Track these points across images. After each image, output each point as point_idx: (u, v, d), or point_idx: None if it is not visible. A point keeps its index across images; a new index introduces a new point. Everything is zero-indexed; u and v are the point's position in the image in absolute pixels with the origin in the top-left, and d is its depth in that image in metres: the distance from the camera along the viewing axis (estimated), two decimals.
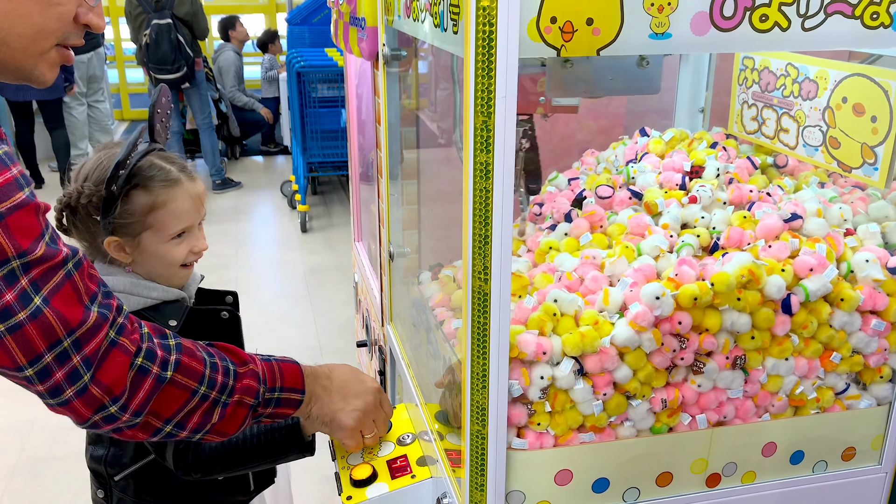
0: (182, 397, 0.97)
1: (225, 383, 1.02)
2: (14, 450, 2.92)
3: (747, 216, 1.30)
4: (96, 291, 0.89)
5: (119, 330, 0.91)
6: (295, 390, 1.13)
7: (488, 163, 0.96)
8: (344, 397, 1.22)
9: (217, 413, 1.02)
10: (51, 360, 0.84)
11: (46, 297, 0.82)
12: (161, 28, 5.70)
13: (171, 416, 0.97)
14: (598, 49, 0.95)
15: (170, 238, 1.31)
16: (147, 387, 0.93)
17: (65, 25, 0.90)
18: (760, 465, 1.24)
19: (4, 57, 0.87)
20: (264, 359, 1.12)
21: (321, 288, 4.54)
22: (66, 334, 0.84)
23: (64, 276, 0.85)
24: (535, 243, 1.41)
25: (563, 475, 1.15)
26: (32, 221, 0.82)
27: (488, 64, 0.92)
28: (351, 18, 1.85)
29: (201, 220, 1.37)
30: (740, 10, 0.97)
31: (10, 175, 0.80)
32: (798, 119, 1.47)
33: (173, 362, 0.96)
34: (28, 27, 0.86)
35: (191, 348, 1.00)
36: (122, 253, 1.30)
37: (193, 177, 1.35)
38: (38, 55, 0.89)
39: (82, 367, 0.86)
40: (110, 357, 0.89)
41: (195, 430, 1.01)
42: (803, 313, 1.18)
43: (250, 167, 7.50)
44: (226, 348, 1.08)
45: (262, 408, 1.09)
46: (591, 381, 1.12)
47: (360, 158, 2.54)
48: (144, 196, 1.27)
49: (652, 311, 1.11)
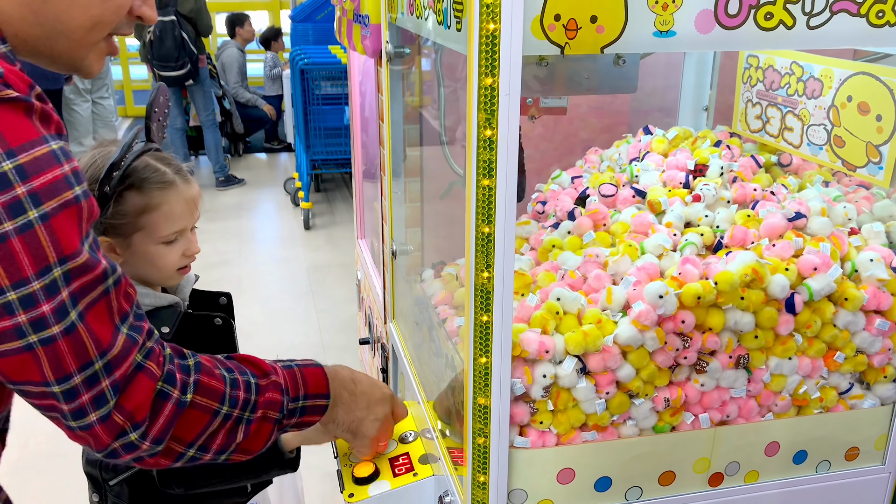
0: (203, 419, 0.92)
1: (248, 399, 0.97)
2: (17, 445, 2.93)
3: (751, 215, 1.30)
4: (128, 312, 0.85)
5: (147, 354, 0.86)
6: (320, 395, 1.08)
7: (491, 160, 0.96)
8: (368, 405, 1.18)
9: (241, 431, 0.96)
10: (80, 381, 0.80)
11: (82, 312, 0.78)
12: (165, 25, 5.70)
13: (193, 439, 0.92)
14: (601, 47, 0.95)
15: (161, 241, 1.29)
16: (167, 412, 0.88)
17: (121, 16, 0.89)
18: (763, 464, 1.24)
19: (62, 48, 0.86)
20: (285, 366, 1.06)
21: (324, 285, 4.54)
22: (98, 356, 0.80)
23: (103, 291, 0.81)
24: (538, 241, 1.41)
25: (566, 474, 1.15)
26: (75, 224, 0.77)
27: (492, 61, 0.92)
28: (354, 16, 1.84)
29: (195, 223, 1.35)
30: (745, 7, 0.97)
31: (61, 172, 0.76)
32: (802, 118, 1.47)
33: (192, 384, 0.91)
34: (87, 18, 0.85)
35: (210, 366, 0.95)
36: (112, 254, 1.28)
37: (189, 179, 1.33)
38: (91, 45, 0.88)
39: (110, 391, 0.82)
40: (135, 382, 0.84)
41: (220, 451, 0.96)
42: (807, 312, 1.17)
43: (253, 164, 7.50)
44: (246, 360, 1.02)
45: (288, 419, 1.03)
46: (594, 379, 1.12)
47: (363, 156, 2.54)
48: (138, 197, 1.25)
49: (655, 309, 1.10)
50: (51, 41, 0.85)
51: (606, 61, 1.06)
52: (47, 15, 0.83)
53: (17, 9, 0.81)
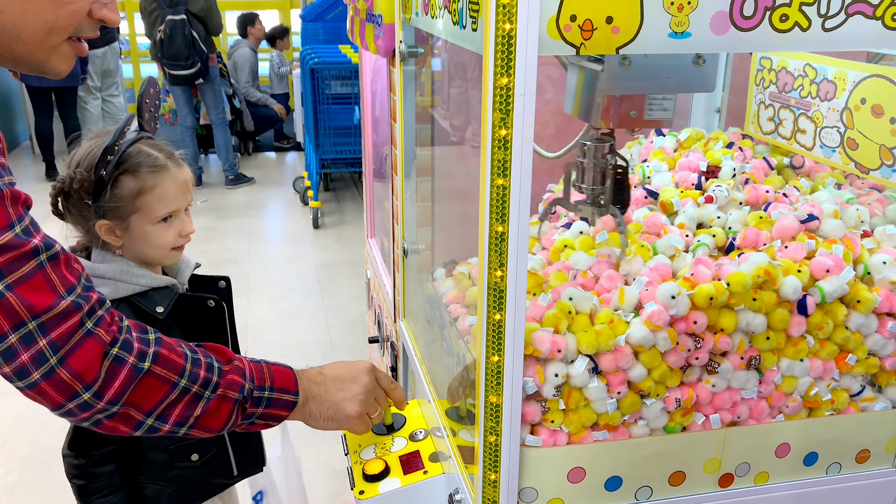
0: (162, 389, 0.98)
1: (208, 378, 1.03)
2: (28, 440, 2.95)
3: (763, 217, 1.30)
4: (74, 284, 0.91)
5: (97, 321, 0.92)
6: (287, 391, 1.13)
7: (505, 160, 0.96)
8: (340, 387, 1.21)
9: (200, 406, 1.02)
10: (15, 340, 0.86)
11: (10, 284, 0.85)
12: (175, 24, 5.72)
13: (151, 408, 0.98)
14: (616, 48, 0.95)
15: (157, 221, 1.36)
16: (123, 376, 0.94)
17: (77, 21, 0.93)
18: (773, 465, 1.24)
19: (21, 51, 0.92)
20: (254, 360, 1.12)
21: (332, 284, 4.55)
22: (31, 317, 0.87)
23: (35, 266, 0.87)
24: (550, 241, 1.42)
25: (576, 473, 1.15)
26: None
27: (507, 61, 0.92)
28: (367, 15, 1.85)
29: (188, 204, 1.43)
30: (760, 9, 0.97)
31: None
32: (816, 120, 1.47)
33: (151, 354, 0.97)
34: (42, 24, 0.90)
35: (171, 343, 1.02)
36: (112, 236, 1.36)
37: (180, 163, 1.41)
38: (51, 49, 0.93)
39: (48, 349, 0.88)
40: (84, 345, 0.90)
41: (178, 423, 1.01)
42: (819, 314, 1.17)
43: (263, 163, 7.52)
44: (213, 348, 1.09)
45: (252, 406, 1.08)
46: (606, 379, 1.12)
47: (373, 155, 2.55)
48: (132, 181, 1.33)
49: (667, 310, 1.11)
50: (10, 45, 0.91)
51: (686, 60, 1.09)
52: (4, 21, 0.89)
53: None
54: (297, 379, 1.15)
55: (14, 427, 3.01)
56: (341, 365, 1.26)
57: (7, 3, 0.88)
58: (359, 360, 1.28)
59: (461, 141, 2.15)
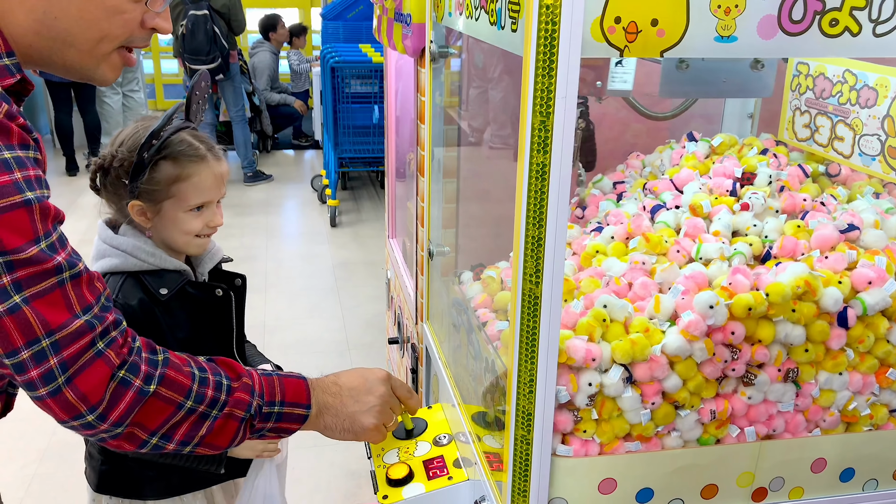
0: (167, 410, 0.98)
1: (216, 398, 1.02)
2: (45, 434, 2.96)
3: (801, 225, 1.27)
4: (91, 304, 0.91)
5: (108, 343, 0.92)
6: (299, 405, 1.12)
7: (545, 164, 0.94)
8: (356, 398, 1.19)
9: (206, 426, 1.02)
10: (27, 356, 0.87)
11: (28, 298, 0.85)
12: (198, 18, 5.74)
13: (156, 428, 0.98)
14: (661, 51, 0.93)
15: (189, 209, 1.40)
16: (128, 399, 0.94)
17: (130, 31, 0.95)
18: (809, 480, 1.21)
19: (73, 58, 0.94)
20: (266, 374, 1.12)
21: (349, 282, 4.54)
22: (45, 334, 0.87)
23: (56, 283, 0.87)
24: (581, 246, 1.39)
25: (607, 484, 1.13)
26: (25, 223, 0.84)
27: (549, 63, 0.90)
28: (396, 14, 1.84)
29: (221, 197, 1.45)
30: (809, 13, 0.94)
31: (10, 178, 0.83)
32: (855, 127, 1.43)
33: (157, 377, 0.97)
34: (95, 32, 0.92)
35: (179, 363, 1.01)
36: (143, 217, 1.39)
37: (219, 156, 1.43)
38: (101, 57, 0.95)
39: (57, 369, 0.88)
40: (93, 366, 0.90)
41: (183, 442, 1.01)
42: (860, 327, 1.14)
43: (281, 161, 7.53)
44: (224, 363, 1.08)
45: (261, 422, 1.08)
46: (640, 389, 1.10)
47: (395, 155, 2.53)
48: (171, 167, 1.36)
49: (705, 319, 1.08)
50: (62, 53, 0.93)
51: (744, 65, 1.07)
52: (58, 29, 0.91)
53: (30, 23, 0.89)
54: (310, 391, 1.14)
55: (32, 420, 3.01)
56: (357, 374, 1.23)
57: (62, 11, 0.90)
58: (374, 367, 1.26)
59: (487, 143, 2.13)
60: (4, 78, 0.88)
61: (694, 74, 1.06)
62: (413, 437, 1.40)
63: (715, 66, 1.07)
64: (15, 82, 0.89)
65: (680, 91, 1.09)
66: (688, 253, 1.26)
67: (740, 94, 1.11)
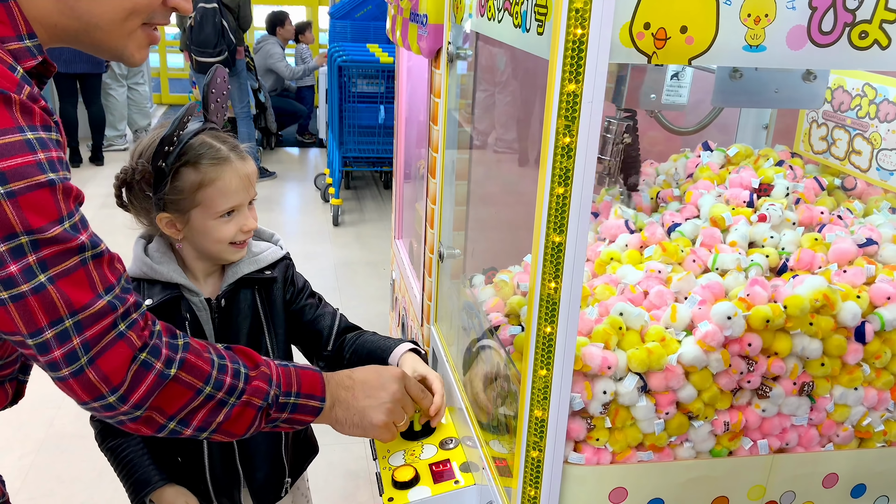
0: (186, 395, 0.98)
1: (234, 385, 1.02)
2: (42, 425, 2.94)
3: (818, 238, 1.26)
4: (113, 284, 0.91)
5: (130, 324, 0.93)
6: (314, 397, 1.12)
7: (568, 168, 0.93)
8: (368, 393, 1.19)
9: (223, 413, 1.02)
10: (51, 336, 0.87)
11: (53, 277, 0.85)
12: (206, 11, 5.73)
13: (174, 412, 0.98)
14: (690, 58, 0.93)
15: (218, 215, 1.30)
16: (149, 382, 0.94)
17: (153, 6, 0.95)
18: (820, 495, 1.20)
19: (100, 37, 0.94)
20: (282, 364, 1.11)
21: (351, 282, 4.53)
22: (69, 314, 0.87)
23: (78, 262, 0.87)
24: (595, 253, 1.38)
25: (618, 493, 1.12)
26: (49, 203, 0.84)
27: (577, 67, 0.89)
28: (411, 14, 1.83)
29: (251, 199, 1.36)
30: (839, 25, 0.94)
31: (34, 159, 0.83)
32: (873, 141, 1.43)
33: (178, 360, 0.97)
34: (120, 10, 0.92)
35: (199, 349, 1.01)
36: (173, 229, 1.31)
37: (244, 156, 1.34)
38: (127, 35, 0.95)
39: (80, 349, 0.88)
40: (115, 348, 0.91)
41: (200, 427, 1.01)
42: (877, 342, 1.14)
43: (285, 158, 7.52)
44: (242, 351, 1.08)
45: (277, 412, 1.08)
46: (654, 398, 1.09)
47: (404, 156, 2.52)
48: (193, 173, 1.27)
49: (722, 330, 1.07)
50: (89, 32, 0.93)
51: (796, 75, 1.06)
52: (82, 9, 0.91)
53: (55, 4, 0.89)
54: (325, 384, 1.14)
55: (30, 411, 3.00)
56: (372, 370, 1.23)
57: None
58: (390, 366, 1.25)
59: (499, 145, 2.13)
60: (26, 60, 0.87)
61: (746, 84, 1.05)
62: (419, 438, 1.39)
63: (767, 76, 1.06)
64: (37, 64, 0.88)
65: (732, 100, 1.09)
66: (704, 263, 1.25)
67: (791, 104, 1.10)
